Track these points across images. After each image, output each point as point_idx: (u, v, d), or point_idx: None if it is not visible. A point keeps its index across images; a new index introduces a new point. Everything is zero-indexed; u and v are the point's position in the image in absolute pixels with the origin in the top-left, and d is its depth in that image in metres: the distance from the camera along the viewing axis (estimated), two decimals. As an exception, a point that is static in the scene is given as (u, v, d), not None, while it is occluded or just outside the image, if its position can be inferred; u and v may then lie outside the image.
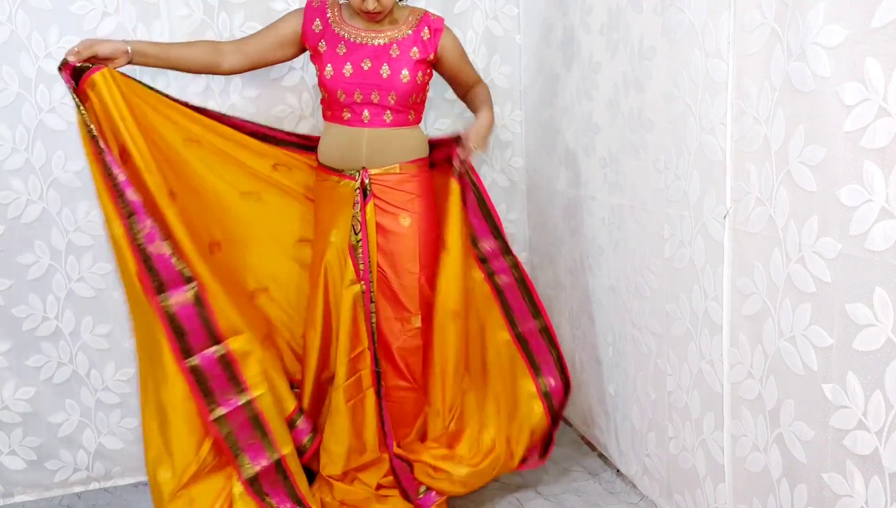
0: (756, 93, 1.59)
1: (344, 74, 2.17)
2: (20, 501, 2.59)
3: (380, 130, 2.21)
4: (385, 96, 2.17)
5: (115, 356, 2.58)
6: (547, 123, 2.72)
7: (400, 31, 2.19)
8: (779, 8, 1.49)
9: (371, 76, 2.16)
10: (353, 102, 2.18)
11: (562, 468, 2.61)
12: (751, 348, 1.71)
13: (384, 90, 2.16)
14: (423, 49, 2.19)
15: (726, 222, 1.74)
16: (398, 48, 2.17)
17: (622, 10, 2.10)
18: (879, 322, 1.32)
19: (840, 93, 1.34)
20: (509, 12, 2.81)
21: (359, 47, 2.17)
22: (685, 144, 1.87)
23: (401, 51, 2.17)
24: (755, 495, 1.77)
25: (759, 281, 1.65)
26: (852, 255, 1.36)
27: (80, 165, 2.43)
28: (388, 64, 2.16)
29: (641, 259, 2.15)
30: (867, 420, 1.38)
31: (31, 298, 2.48)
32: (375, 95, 2.17)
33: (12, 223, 2.42)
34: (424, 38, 2.19)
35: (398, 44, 2.18)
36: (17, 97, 2.36)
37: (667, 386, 2.11)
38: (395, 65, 2.16)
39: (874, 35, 1.26)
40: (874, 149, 1.28)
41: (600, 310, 2.48)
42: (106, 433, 2.63)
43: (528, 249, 3.03)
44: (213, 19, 2.48)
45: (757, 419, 1.73)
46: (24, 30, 2.32)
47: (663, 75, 1.94)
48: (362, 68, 2.16)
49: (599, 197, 2.37)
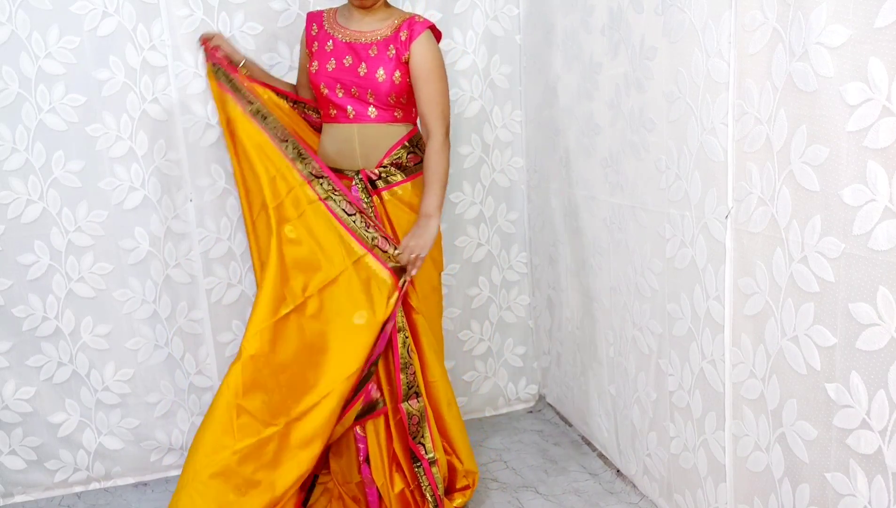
0: (757, 93, 1.59)
1: (327, 68, 2.20)
2: (20, 501, 2.59)
3: (368, 125, 2.21)
4: (364, 93, 2.18)
5: (115, 356, 2.59)
6: (547, 123, 2.72)
7: (382, 32, 2.19)
8: (780, 8, 1.49)
9: (350, 73, 2.18)
10: (336, 96, 2.20)
11: (562, 468, 2.61)
12: (753, 347, 1.72)
13: (362, 87, 2.18)
14: (398, 49, 2.17)
15: (728, 222, 1.74)
16: (377, 48, 2.18)
17: (623, 10, 2.10)
18: (883, 322, 1.33)
19: (843, 93, 1.34)
20: (509, 12, 2.81)
21: (345, 45, 2.20)
22: (686, 144, 1.87)
23: (378, 50, 2.17)
24: (756, 494, 1.78)
25: (762, 281, 1.65)
26: (856, 254, 1.37)
27: (81, 166, 2.44)
28: (366, 63, 2.17)
29: (642, 259, 2.16)
30: (871, 420, 1.38)
31: (31, 298, 2.48)
32: (355, 90, 2.18)
33: (12, 223, 2.42)
34: (402, 38, 2.17)
35: (377, 44, 2.18)
36: (17, 97, 2.36)
37: (668, 386, 2.11)
38: (372, 64, 2.17)
39: (877, 35, 1.26)
40: (877, 149, 1.29)
41: (601, 310, 2.48)
42: (106, 433, 2.63)
43: (528, 249, 3.03)
44: (212, 19, 2.48)
45: (759, 418, 1.73)
46: (24, 30, 2.32)
47: (664, 75, 1.94)
48: (343, 64, 2.19)
49: (600, 197, 2.37)
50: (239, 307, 2.70)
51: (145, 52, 2.44)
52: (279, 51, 2.56)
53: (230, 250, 2.64)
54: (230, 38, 2.49)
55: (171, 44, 2.45)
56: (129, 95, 2.45)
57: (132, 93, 2.45)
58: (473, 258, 2.94)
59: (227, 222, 2.62)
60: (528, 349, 3.13)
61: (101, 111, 2.43)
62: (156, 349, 2.63)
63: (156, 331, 2.62)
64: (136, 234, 2.54)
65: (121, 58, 2.42)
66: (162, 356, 2.64)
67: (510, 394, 3.13)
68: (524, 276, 3.06)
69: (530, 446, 2.80)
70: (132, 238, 2.54)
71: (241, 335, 2.70)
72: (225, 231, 2.63)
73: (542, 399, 3.18)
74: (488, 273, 3.00)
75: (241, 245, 2.65)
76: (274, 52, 2.55)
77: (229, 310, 2.69)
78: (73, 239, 2.48)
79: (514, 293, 3.06)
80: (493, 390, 3.09)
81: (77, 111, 2.41)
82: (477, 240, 2.94)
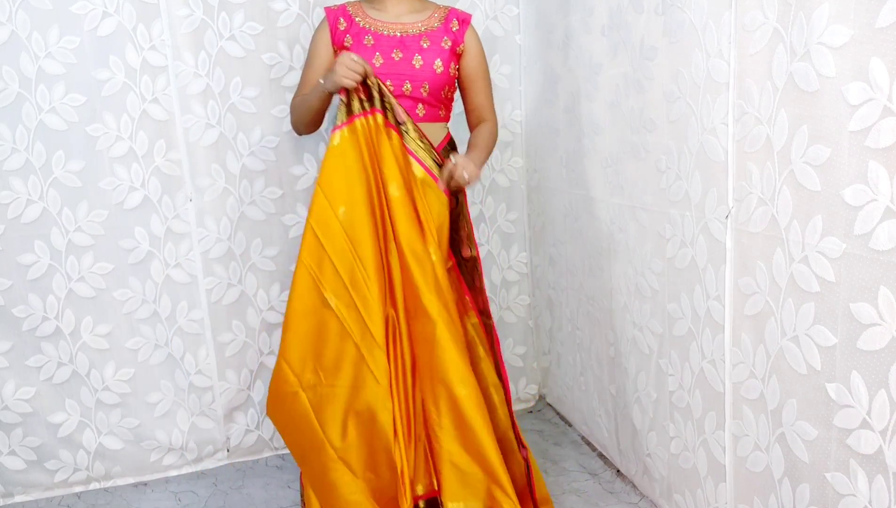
0: (758, 93, 1.59)
1: (374, 64, 2.08)
2: (20, 501, 2.59)
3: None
4: (418, 88, 2.11)
5: (115, 356, 2.59)
6: (547, 123, 2.72)
7: (429, 23, 2.15)
8: (781, 8, 1.49)
9: (402, 66, 2.10)
10: None
11: (562, 468, 2.61)
12: (753, 347, 1.72)
13: (417, 81, 2.11)
14: (453, 39, 2.14)
15: (728, 222, 1.75)
16: (428, 39, 2.12)
17: (623, 11, 2.10)
18: (884, 321, 1.33)
19: (845, 93, 1.34)
20: (509, 12, 2.82)
21: (387, 39, 2.12)
22: (686, 144, 1.87)
23: (431, 41, 2.12)
24: (756, 494, 1.78)
25: (762, 281, 1.65)
26: (857, 254, 1.37)
27: (81, 166, 2.44)
28: (420, 54, 2.11)
29: (643, 259, 2.16)
30: (871, 419, 1.38)
31: (31, 298, 2.47)
32: (408, 86, 2.11)
33: (12, 223, 2.42)
34: (454, 28, 2.15)
35: (428, 35, 2.13)
36: (17, 97, 2.35)
37: (668, 386, 2.11)
38: (427, 55, 2.11)
39: (879, 35, 1.26)
40: (879, 148, 1.29)
41: (601, 310, 2.48)
42: (106, 433, 2.63)
43: (528, 249, 3.04)
44: (212, 19, 2.48)
45: (759, 418, 1.73)
46: (24, 30, 2.32)
47: (664, 76, 1.94)
48: (393, 59, 2.10)
49: (600, 197, 2.37)
50: (239, 307, 2.70)
51: (145, 52, 2.44)
52: (279, 51, 2.56)
53: (230, 250, 2.64)
54: (230, 38, 2.50)
55: (171, 44, 2.45)
56: (129, 95, 2.44)
57: (132, 93, 2.45)
58: (473, 258, 2.95)
59: (227, 222, 2.62)
60: (528, 349, 3.13)
61: (101, 111, 2.43)
62: (156, 348, 2.63)
63: (156, 331, 2.62)
64: (136, 234, 2.54)
65: (121, 58, 2.41)
66: (162, 355, 2.64)
67: (510, 394, 3.13)
68: (524, 276, 3.06)
69: (530, 446, 2.78)
70: (132, 238, 2.54)
71: (241, 335, 2.71)
72: (225, 231, 2.63)
73: (542, 399, 3.18)
74: (488, 273, 3.00)
75: (241, 245, 2.65)
76: (274, 52, 2.55)
77: (229, 310, 2.69)
78: (74, 239, 2.48)
79: (514, 293, 3.06)
80: (493, 390, 3.09)
81: (77, 111, 2.41)
82: (477, 240, 2.94)
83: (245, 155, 2.60)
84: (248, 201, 2.63)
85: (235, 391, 2.75)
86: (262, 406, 2.80)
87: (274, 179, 2.65)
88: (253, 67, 2.55)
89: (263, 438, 2.83)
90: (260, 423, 2.81)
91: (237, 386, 2.75)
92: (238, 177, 2.60)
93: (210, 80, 2.51)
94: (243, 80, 2.54)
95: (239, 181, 2.61)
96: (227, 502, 2.53)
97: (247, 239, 2.66)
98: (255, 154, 2.61)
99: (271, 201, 2.66)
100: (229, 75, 2.53)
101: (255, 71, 2.55)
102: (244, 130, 2.58)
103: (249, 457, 2.83)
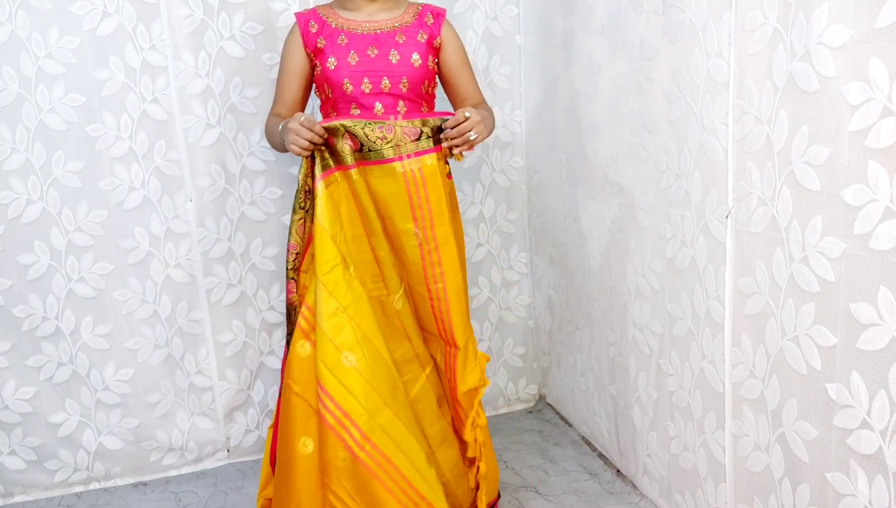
0: (758, 93, 1.59)
1: (349, 62, 2.06)
2: (20, 501, 2.59)
3: None
4: (396, 84, 2.08)
5: (115, 356, 2.59)
6: (547, 123, 2.72)
7: (402, 19, 2.13)
8: (781, 8, 1.49)
9: (379, 62, 2.07)
10: (362, 92, 2.06)
11: (562, 468, 2.61)
12: (753, 348, 1.72)
13: (395, 76, 2.08)
14: (429, 33, 2.13)
15: (728, 222, 1.75)
16: (404, 34, 2.10)
17: (623, 11, 2.10)
18: (884, 322, 1.33)
19: (844, 93, 1.34)
20: (509, 12, 2.82)
21: (361, 37, 2.09)
22: (687, 144, 1.87)
23: (407, 36, 2.10)
24: (756, 495, 1.78)
25: (762, 281, 1.65)
26: (857, 254, 1.37)
27: (80, 166, 2.44)
28: (396, 49, 2.08)
29: (643, 259, 2.16)
30: (871, 420, 1.38)
31: (31, 298, 2.47)
32: (386, 82, 2.07)
33: (12, 223, 2.42)
34: (428, 22, 2.13)
35: (403, 31, 2.11)
36: (17, 97, 2.35)
37: (668, 386, 2.11)
38: (404, 50, 2.08)
39: (879, 35, 1.26)
40: (879, 149, 1.29)
41: (601, 310, 2.48)
42: (106, 433, 2.63)
43: (528, 249, 3.04)
44: (212, 19, 2.48)
45: (759, 418, 1.73)
46: (24, 30, 2.32)
47: (664, 76, 1.94)
48: (368, 56, 2.07)
49: (601, 197, 2.37)
50: (239, 307, 2.70)
51: (145, 52, 2.43)
52: (279, 51, 2.55)
53: (230, 250, 2.64)
54: (230, 38, 2.50)
55: (171, 44, 2.45)
56: (129, 95, 2.44)
57: (132, 93, 2.44)
58: (473, 258, 2.94)
59: (227, 222, 2.62)
60: (528, 349, 3.13)
61: (101, 111, 2.43)
62: (156, 348, 2.63)
63: (156, 331, 2.62)
64: (136, 234, 2.54)
65: (121, 58, 2.41)
66: (162, 356, 2.64)
67: (510, 394, 3.13)
68: (524, 276, 3.06)
69: (530, 446, 2.80)
70: (132, 238, 2.54)
71: (241, 335, 2.71)
72: (225, 231, 2.62)
73: (542, 399, 3.18)
74: (488, 273, 3.00)
75: (241, 245, 2.65)
76: (274, 52, 2.55)
77: (229, 310, 2.69)
78: (73, 239, 2.48)
79: (514, 293, 3.06)
80: (493, 390, 3.09)
81: (77, 111, 2.41)
82: (477, 240, 2.95)
83: (245, 155, 2.60)
84: (248, 201, 2.63)
85: (235, 391, 2.75)
86: (262, 406, 2.80)
87: (274, 179, 2.65)
88: (253, 67, 2.55)
89: (263, 438, 2.83)
90: (260, 423, 2.81)
91: (237, 386, 2.75)
92: (238, 177, 2.60)
93: (210, 80, 2.51)
94: (243, 80, 2.54)
95: (239, 181, 2.61)
96: (227, 502, 2.53)
97: (247, 239, 2.66)
98: (255, 154, 2.61)
99: (271, 201, 2.66)
100: (229, 75, 2.53)
101: (255, 71, 2.55)
102: (244, 131, 2.58)
103: (249, 457, 2.83)
